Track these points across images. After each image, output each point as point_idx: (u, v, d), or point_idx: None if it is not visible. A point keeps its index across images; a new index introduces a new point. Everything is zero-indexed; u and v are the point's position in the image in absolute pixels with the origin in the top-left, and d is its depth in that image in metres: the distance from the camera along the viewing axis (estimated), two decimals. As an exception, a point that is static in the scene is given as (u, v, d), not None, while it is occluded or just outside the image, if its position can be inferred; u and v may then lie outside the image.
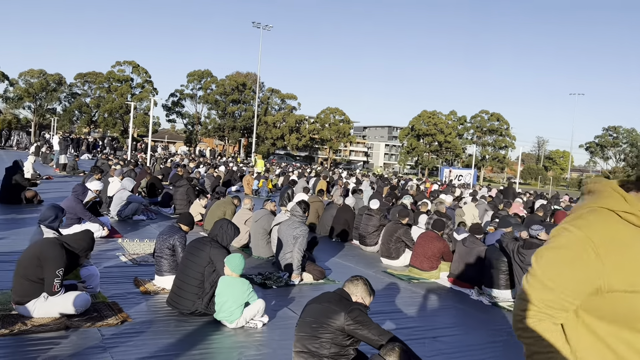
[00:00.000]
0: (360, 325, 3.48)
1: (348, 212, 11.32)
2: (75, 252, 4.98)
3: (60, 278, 4.73)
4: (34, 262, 4.69)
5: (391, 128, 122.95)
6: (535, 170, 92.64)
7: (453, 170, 50.18)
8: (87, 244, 5.11)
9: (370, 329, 3.48)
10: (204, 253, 5.24)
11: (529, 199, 22.28)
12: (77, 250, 5.00)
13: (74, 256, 4.99)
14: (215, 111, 72.36)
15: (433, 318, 6.15)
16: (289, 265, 7.14)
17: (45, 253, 4.71)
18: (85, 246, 5.09)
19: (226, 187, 20.29)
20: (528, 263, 6.50)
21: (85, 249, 5.09)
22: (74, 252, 4.97)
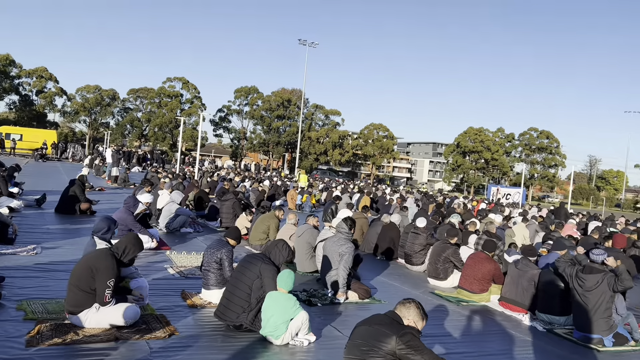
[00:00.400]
0: (412, 350, 3.34)
1: (393, 230, 11.13)
2: (123, 258, 5.03)
3: (112, 289, 4.81)
4: (87, 273, 4.79)
5: (436, 144, 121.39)
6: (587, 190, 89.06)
7: (501, 188, 48.86)
8: (132, 246, 5.10)
9: (423, 355, 3.34)
10: (255, 267, 5.26)
11: (581, 220, 21.37)
12: (122, 255, 5.04)
13: (121, 263, 5.05)
14: (260, 126, 73.55)
15: (484, 344, 5.89)
16: (334, 282, 7.05)
17: (97, 264, 4.81)
18: (130, 248, 5.08)
19: (270, 202, 20.45)
20: (588, 288, 6.15)
21: (130, 250, 5.09)
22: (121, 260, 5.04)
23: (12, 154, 38.06)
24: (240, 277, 5.29)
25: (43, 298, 5.65)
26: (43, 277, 6.56)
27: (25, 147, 40.47)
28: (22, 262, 7.19)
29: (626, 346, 6.11)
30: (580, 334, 6.26)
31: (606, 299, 6.05)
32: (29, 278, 6.37)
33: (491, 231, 10.72)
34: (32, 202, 12.98)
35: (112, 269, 4.83)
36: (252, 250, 9.80)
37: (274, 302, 5.01)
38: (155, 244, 9.24)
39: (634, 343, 6.23)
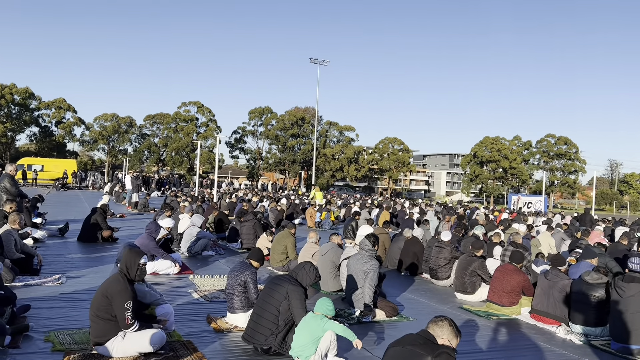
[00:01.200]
0: None
1: (417, 245, 10.98)
2: (129, 277, 4.98)
3: (130, 311, 4.76)
4: (104, 301, 4.76)
5: (452, 155, 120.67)
6: (610, 195, 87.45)
7: (521, 197, 48.19)
8: (130, 259, 5.04)
9: None
10: (283, 289, 5.20)
11: (608, 226, 20.88)
12: (129, 271, 4.99)
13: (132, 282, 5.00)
14: (275, 146, 73.98)
15: (518, 359, 5.71)
16: (360, 301, 6.93)
17: (110, 290, 4.78)
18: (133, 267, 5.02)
19: (289, 220, 20.42)
20: (628, 297, 5.96)
21: (134, 270, 5.02)
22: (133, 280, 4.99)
23: (34, 185, 38.77)
24: (267, 299, 5.23)
25: (70, 328, 5.64)
26: (69, 306, 6.57)
27: (46, 177, 41.23)
28: (47, 293, 7.22)
29: (668, 356, 5.87)
30: (618, 345, 6.03)
31: (646, 308, 5.84)
32: (56, 308, 6.38)
33: (517, 242, 10.50)
34: (55, 231, 13.12)
35: (126, 290, 4.79)
36: (274, 272, 9.73)
37: (305, 322, 4.95)
38: (178, 269, 9.23)
39: (676, 353, 5.98)
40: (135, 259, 5.05)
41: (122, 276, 4.93)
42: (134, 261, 5.03)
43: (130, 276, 4.99)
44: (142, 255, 5.16)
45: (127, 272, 4.99)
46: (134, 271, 5.01)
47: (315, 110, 66.25)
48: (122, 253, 6.06)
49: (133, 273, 5.00)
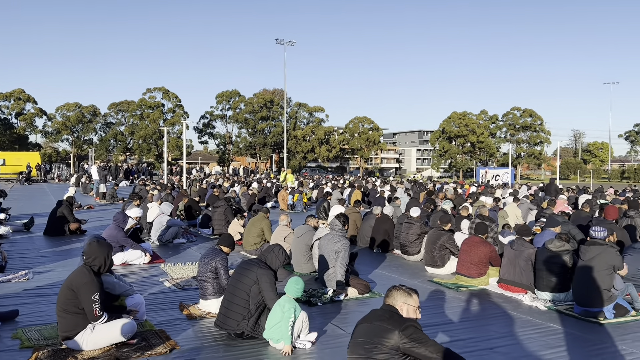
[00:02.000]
0: (416, 343, 3.31)
1: (387, 222, 11.12)
2: (95, 269, 4.90)
3: (98, 302, 4.70)
4: (70, 295, 4.68)
5: (421, 132, 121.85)
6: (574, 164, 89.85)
7: (489, 170, 49.13)
8: (98, 253, 4.96)
9: (427, 346, 3.31)
10: (252, 273, 5.20)
11: (571, 194, 21.53)
12: (95, 264, 4.91)
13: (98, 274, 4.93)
14: (245, 129, 73.29)
15: (487, 327, 5.88)
16: (332, 280, 7.00)
17: (75, 282, 4.69)
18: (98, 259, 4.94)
19: (262, 204, 20.38)
20: (588, 259, 6.23)
21: (100, 262, 4.95)
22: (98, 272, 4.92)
23: (-4, 180, 37.56)
24: (237, 284, 5.23)
25: (38, 324, 5.55)
26: (37, 302, 6.45)
27: (9, 171, 39.95)
28: (14, 289, 7.06)
29: (627, 317, 6.14)
30: (581, 309, 6.28)
31: (605, 271, 6.08)
32: (23, 305, 6.25)
33: (484, 214, 10.73)
34: (20, 227, 12.81)
35: (92, 282, 4.71)
36: (247, 256, 9.74)
37: (276, 305, 4.98)
38: (149, 258, 9.15)
39: (635, 313, 6.27)
40: (101, 251, 4.96)
41: (87, 268, 4.84)
42: (99, 253, 4.94)
43: (96, 268, 4.90)
44: (109, 248, 5.08)
45: (93, 264, 4.90)
46: (99, 264, 4.93)
47: (283, 92, 65.77)
48: (86, 245, 5.95)
49: (97, 267, 4.91)
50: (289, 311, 4.90)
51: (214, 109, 72.89)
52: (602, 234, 6.39)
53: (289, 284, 5.07)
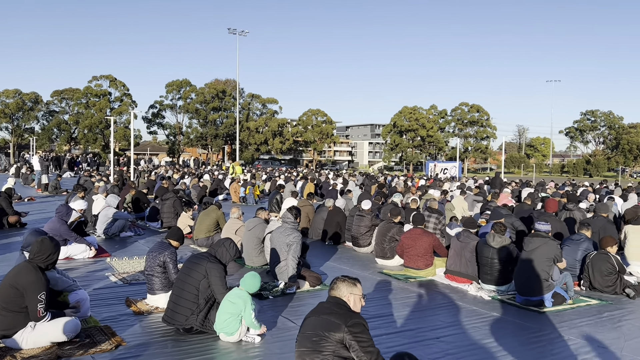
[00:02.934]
0: (357, 344, 3.35)
1: (339, 214, 11.21)
2: (43, 266, 4.72)
3: (44, 302, 4.52)
4: (12, 292, 4.47)
5: (373, 126, 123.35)
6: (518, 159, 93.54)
7: (438, 164, 50.40)
8: (52, 251, 4.81)
9: (366, 352, 3.34)
10: (201, 267, 5.11)
11: (515, 188, 22.36)
12: (46, 262, 4.74)
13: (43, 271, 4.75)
14: (196, 120, 71.94)
15: (434, 317, 6.05)
16: (284, 273, 7.00)
17: (21, 280, 4.49)
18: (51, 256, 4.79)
19: (213, 197, 20.09)
20: (530, 250, 6.51)
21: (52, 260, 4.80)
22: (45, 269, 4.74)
23: None
24: (186, 278, 5.13)
25: (-27, 323, 5.25)
26: (-29, 300, 6.10)
27: (-59, 161, 37.56)
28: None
29: (565, 305, 6.47)
30: (522, 298, 6.56)
31: (546, 262, 6.37)
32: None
33: (433, 207, 10.99)
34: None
35: (39, 281, 4.52)
36: (197, 249, 9.59)
37: (227, 297, 4.94)
38: (94, 252, 8.85)
39: (571, 301, 6.60)
40: (53, 249, 4.78)
41: (33, 265, 4.63)
42: (51, 251, 4.76)
43: (43, 265, 4.70)
44: (56, 245, 4.90)
45: (42, 261, 4.69)
46: (50, 261, 4.74)
47: (236, 82, 64.88)
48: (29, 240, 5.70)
49: (44, 263, 4.71)
50: (247, 305, 4.89)
51: (164, 98, 71.15)
52: (546, 227, 6.70)
53: (247, 278, 5.01)
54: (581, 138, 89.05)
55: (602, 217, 9.61)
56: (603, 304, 6.69)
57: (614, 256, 7.13)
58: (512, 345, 5.14)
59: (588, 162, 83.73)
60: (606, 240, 7.31)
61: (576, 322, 5.92)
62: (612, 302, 6.77)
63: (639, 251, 8.28)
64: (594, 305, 6.64)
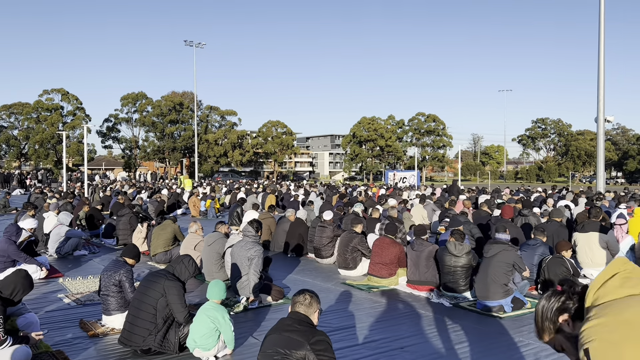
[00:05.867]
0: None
1: (301, 226, 11.15)
2: (8, 298, 4.53)
3: (3, 326, 4.30)
4: None
5: (333, 136, 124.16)
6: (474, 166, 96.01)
7: (397, 173, 51.09)
8: (21, 286, 4.65)
9: None
10: (159, 285, 4.94)
11: (472, 195, 22.89)
12: (11, 295, 4.55)
13: (8, 302, 4.56)
14: (153, 133, 70.53)
15: (397, 327, 6.06)
16: (246, 288, 6.87)
17: None
18: (19, 288, 4.64)
19: (171, 211, 19.68)
20: (489, 256, 6.61)
21: (19, 291, 4.64)
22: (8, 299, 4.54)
23: None
24: (143, 297, 4.95)
25: None
26: None
27: None
28: None
29: (523, 309, 6.60)
30: (482, 304, 6.66)
31: (505, 268, 6.50)
32: None
33: (392, 216, 11.10)
34: None
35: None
36: (154, 266, 9.33)
37: (200, 314, 4.83)
38: (45, 273, 8.47)
39: (530, 305, 6.75)
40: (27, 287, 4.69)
41: None
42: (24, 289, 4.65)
43: (12, 298, 4.55)
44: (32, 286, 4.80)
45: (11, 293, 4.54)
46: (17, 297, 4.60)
47: (193, 94, 64.06)
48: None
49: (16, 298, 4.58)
50: (226, 318, 4.82)
51: (119, 111, 69.43)
52: (506, 237, 6.88)
53: (210, 288, 4.97)
54: (533, 145, 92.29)
55: (555, 222, 9.92)
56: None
57: (568, 260, 7.34)
58: (474, 352, 5.19)
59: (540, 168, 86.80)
60: (561, 244, 7.54)
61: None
62: (568, 304, 6.95)
63: (587, 258, 8.60)
64: (551, 308, 6.80)
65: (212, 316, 4.78)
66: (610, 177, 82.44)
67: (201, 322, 4.80)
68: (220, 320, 4.78)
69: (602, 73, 22.78)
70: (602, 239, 8.59)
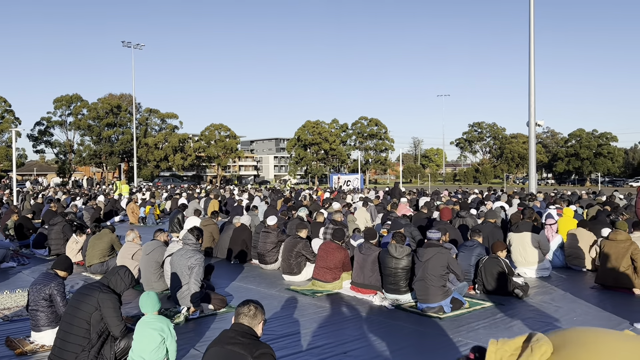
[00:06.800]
0: None
1: (245, 232, 11.01)
2: None
3: None
4: None
5: (278, 140, 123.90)
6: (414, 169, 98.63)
7: (341, 176, 51.61)
8: None
9: None
10: (92, 299, 4.70)
11: (413, 197, 23.43)
12: None
13: None
14: (89, 137, 67.79)
15: (341, 332, 6.08)
16: (186, 298, 6.68)
17: None
18: None
19: (108, 219, 18.96)
20: (425, 260, 6.75)
21: None
22: None
23: None
24: (75, 312, 4.69)
25: None
26: None
27: None
28: None
29: (462, 309, 6.80)
30: (423, 306, 6.80)
31: (441, 270, 6.67)
32: None
33: (336, 219, 11.15)
34: None
35: None
36: (91, 276, 8.93)
37: (144, 328, 4.58)
38: (-32, 288, 7.89)
39: (468, 305, 6.97)
40: None
41: None
42: None
43: None
44: None
45: None
46: None
47: (132, 97, 62.05)
48: None
49: None
50: (171, 329, 4.62)
51: (52, 114, 66.34)
52: (437, 235, 7.03)
53: (142, 302, 4.68)
54: (470, 148, 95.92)
55: (490, 223, 10.31)
56: (496, 305, 7.13)
57: (503, 260, 7.65)
58: (415, 353, 5.29)
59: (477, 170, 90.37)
60: (497, 245, 7.84)
61: (473, 325, 6.24)
62: (504, 303, 7.24)
63: (521, 257, 9.00)
64: (488, 307, 7.06)
65: (159, 328, 4.59)
66: (541, 178, 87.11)
67: (148, 336, 4.59)
68: (166, 330, 4.61)
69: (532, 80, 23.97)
70: (534, 239, 9.02)
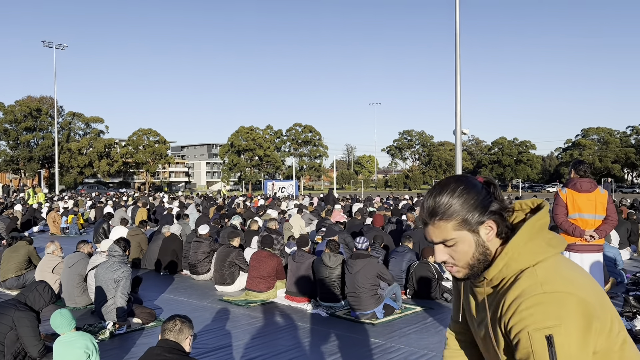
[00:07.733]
0: None
1: (175, 241, 10.66)
2: None
3: None
4: None
5: (210, 146, 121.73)
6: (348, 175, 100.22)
7: (276, 182, 51.43)
8: None
9: None
10: (7, 318, 4.37)
11: (346, 203, 23.75)
12: None
13: None
14: (5, 142, 63.45)
15: (275, 342, 6.00)
16: (112, 312, 6.36)
17: None
18: None
19: (26, 229, 17.82)
20: (355, 272, 6.79)
21: None
22: None
23: None
24: (-14, 333, 4.33)
25: None
26: None
27: None
28: None
29: (394, 315, 6.93)
30: (355, 313, 6.86)
31: (371, 280, 6.77)
32: None
33: (271, 227, 11.07)
34: None
35: None
36: (6, 292, 8.30)
37: (66, 348, 4.26)
38: None
39: (400, 311, 7.11)
40: None
41: None
42: None
43: None
44: None
45: None
46: None
47: (53, 99, 58.78)
48: None
49: None
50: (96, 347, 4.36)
51: (-38, 117, 61.44)
52: (365, 244, 7.14)
53: (54, 322, 4.29)
54: (400, 155, 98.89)
55: (420, 229, 10.62)
56: (426, 310, 7.33)
57: (433, 265, 7.88)
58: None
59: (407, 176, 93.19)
60: (427, 250, 8.06)
61: (405, 330, 6.37)
62: (434, 307, 7.45)
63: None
64: (419, 312, 7.24)
65: (83, 346, 4.30)
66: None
67: (73, 356, 4.29)
68: (91, 347, 4.34)
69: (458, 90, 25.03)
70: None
